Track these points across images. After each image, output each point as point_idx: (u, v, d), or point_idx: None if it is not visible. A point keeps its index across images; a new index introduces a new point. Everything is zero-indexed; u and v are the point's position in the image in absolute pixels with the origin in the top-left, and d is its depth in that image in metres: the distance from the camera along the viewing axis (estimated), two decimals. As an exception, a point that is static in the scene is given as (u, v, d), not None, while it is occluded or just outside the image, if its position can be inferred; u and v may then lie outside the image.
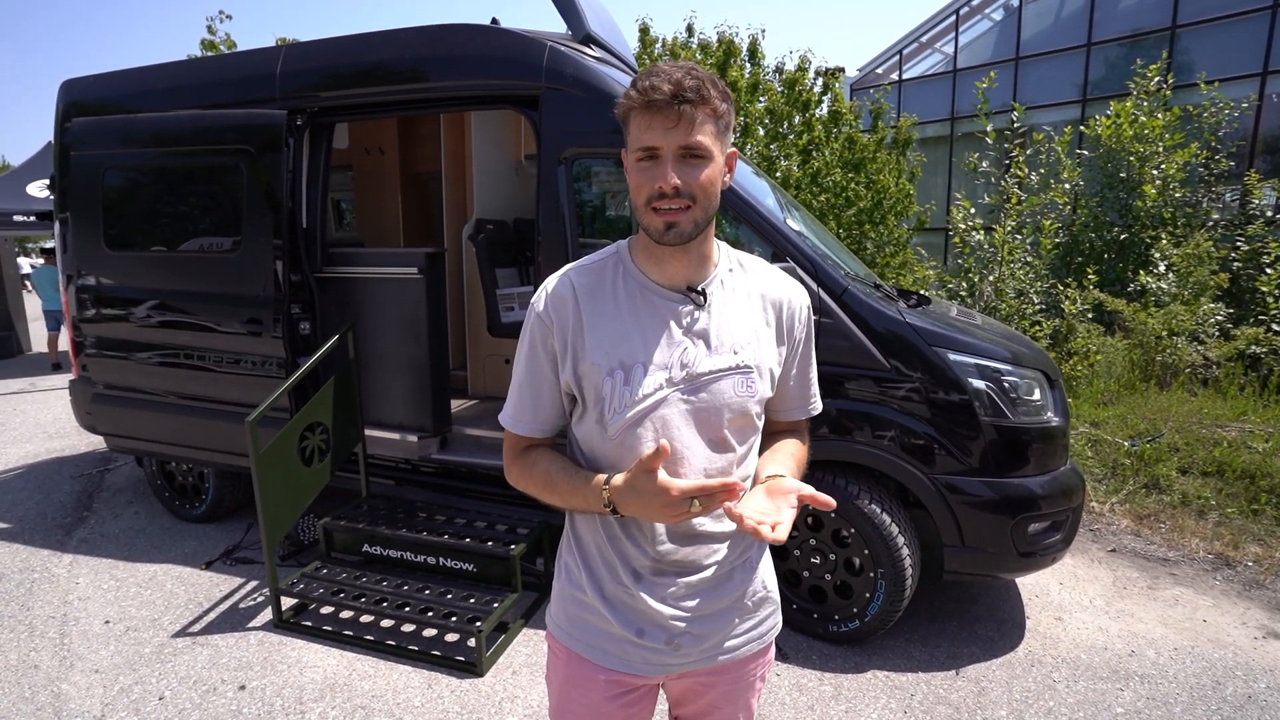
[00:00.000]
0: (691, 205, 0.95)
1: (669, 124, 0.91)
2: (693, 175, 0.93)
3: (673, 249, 0.99)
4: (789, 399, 1.14)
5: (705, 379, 1.01)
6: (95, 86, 3.82)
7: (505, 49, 2.99)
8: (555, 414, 1.08)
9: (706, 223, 0.99)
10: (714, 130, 0.95)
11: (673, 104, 0.90)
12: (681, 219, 0.95)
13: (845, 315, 2.63)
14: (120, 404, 3.79)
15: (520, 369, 1.07)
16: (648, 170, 0.94)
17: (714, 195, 0.97)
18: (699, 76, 0.92)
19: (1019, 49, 12.04)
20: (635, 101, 0.93)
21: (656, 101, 0.91)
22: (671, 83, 0.90)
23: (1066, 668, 2.62)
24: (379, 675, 2.56)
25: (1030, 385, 2.66)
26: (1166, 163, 7.36)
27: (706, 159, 0.94)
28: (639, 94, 0.92)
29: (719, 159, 0.96)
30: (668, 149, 0.92)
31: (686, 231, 0.96)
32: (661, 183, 0.93)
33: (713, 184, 0.96)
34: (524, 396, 1.07)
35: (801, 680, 2.54)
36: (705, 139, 0.93)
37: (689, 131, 0.92)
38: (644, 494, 0.91)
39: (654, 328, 1.01)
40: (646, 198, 0.95)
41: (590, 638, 1.08)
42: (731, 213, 2.77)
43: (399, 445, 3.46)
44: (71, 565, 3.46)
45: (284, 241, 3.24)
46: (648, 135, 0.93)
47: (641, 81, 0.93)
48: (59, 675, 2.57)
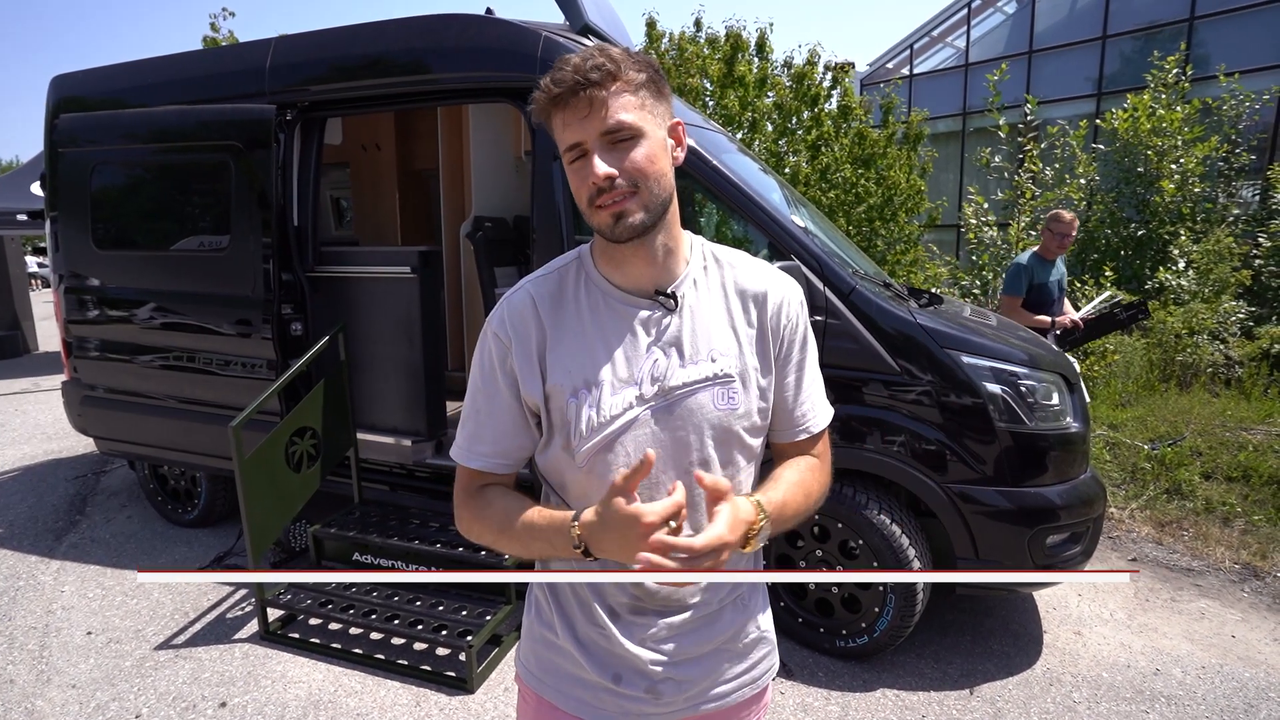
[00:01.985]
0: (636, 190, 0.83)
1: (582, 113, 0.82)
2: (624, 158, 0.83)
3: (633, 247, 0.88)
4: (786, 413, 0.98)
5: (679, 393, 0.89)
6: (85, 82, 3.74)
7: (498, 40, 2.88)
8: (515, 445, 0.95)
9: (661, 208, 0.87)
10: (636, 103, 0.84)
11: (578, 91, 0.81)
12: (628, 206, 0.83)
13: (852, 315, 2.50)
14: (110, 406, 3.72)
15: (475, 395, 0.95)
16: (580, 169, 0.84)
17: (660, 174, 0.85)
18: (598, 52, 0.82)
19: (1032, 42, 11.81)
20: (542, 101, 0.83)
21: (562, 95, 0.81)
22: (570, 68, 0.81)
23: (1087, 687, 2.49)
24: (366, 692, 2.46)
25: (1048, 389, 2.52)
26: (1185, 157, 7.16)
27: (636, 137, 0.83)
28: (543, 92, 0.83)
29: (655, 133, 0.85)
30: (590, 139, 0.82)
31: (639, 220, 0.84)
32: (593, 178, 0.82)
33: (653, 162, 0.84)
34: (480, 425, 0.95)
35: (807, 699, 2.42)
36: (627, 115, 0.82)
37: (604, 114, 0.81)
38: (617, 527, 0.78)
39: (619, 339, 0.89)
40: (587, 198, 0.84)
41: (561, 683, 0.97)
42: (732, 208, 2.65)
43: (393, 450, 3.36)
44: (59, 572, 3.39)
45: (274, 240, 3.15)
46: (567, 132, 0.83)
47: (545, 79, 0.83)
48: (34, 690, 2.48)
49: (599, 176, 0.81)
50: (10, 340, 10.07)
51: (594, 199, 0.83)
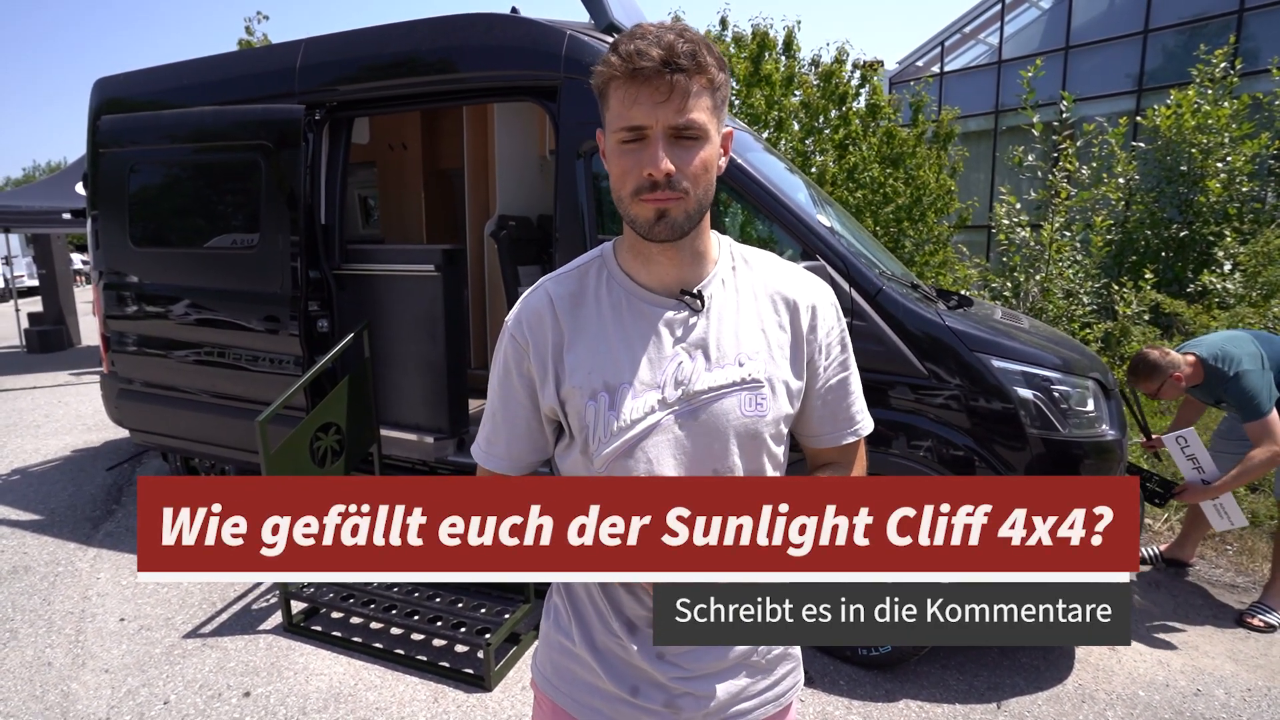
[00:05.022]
0: (685, 196, 0.80)
1: (659, 97, 0.76)
2: (686, 160, 0.79)
3: (663, 246, 0.85)
4: (821, 420, 0.94)
5: (705, 398, 0.85)
6: (125, 84, 3.85)
7: (523, 38, 2.88)
8: (530, 448, 0.94)
9: (701, 214, 0.84)
10: (710, 105, 0.80)
11: (663, 73, 0.75)
12: (673, 207, 0.80)
13: (879, 317, 2.45)
14: (144, 399, 3.82)
15: (493, 396, 0.95)
16: (633, 153, 0.79)
17: (710, 183, 0.83)
18: (693, 40, 0.77)
19: (1069, 38, 11.48)
20: (617, 69, 0.77)
21: (644, 70, 0.75)
22: (662, 46, 0.75)
23: (1122, 705, 2.39)
24: (385, 686, 2.48)
25: (1083, 395, 2.44)
26: (1233, 154, 6.88)
27: (702, 140, 0.80)
28: (621, 60, 0.76)
29: (715, 139, 0.82)
30: (658, 128, 0.77)
31: (680, 223, 0.81)
32: (651, 168, 0.78)
33: (708, 170, 0.82)
34: (496, 426, 0.95)
35: (828, 709, 2.37)
36: (701, 115, 0.78)
37: (682, 107, 0.77)
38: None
39: (642, 340, 0.86)
40: (634, 187, 0.80)
41: (578, 692, 0.95)
42: (757, 207, 2.61)
43: (415, 446, 3.39)
44: (95, 560, 3.49)
45: (302, 238, 3.20)
46: (634, 111, 0.77)
47: (624, 45, 0.77)
48: (70, 674, 2.55)
49: (660, 170, 0.78)
50: (56, 334, 10.44)
51: (641, 190, 0.80)
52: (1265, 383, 2.72)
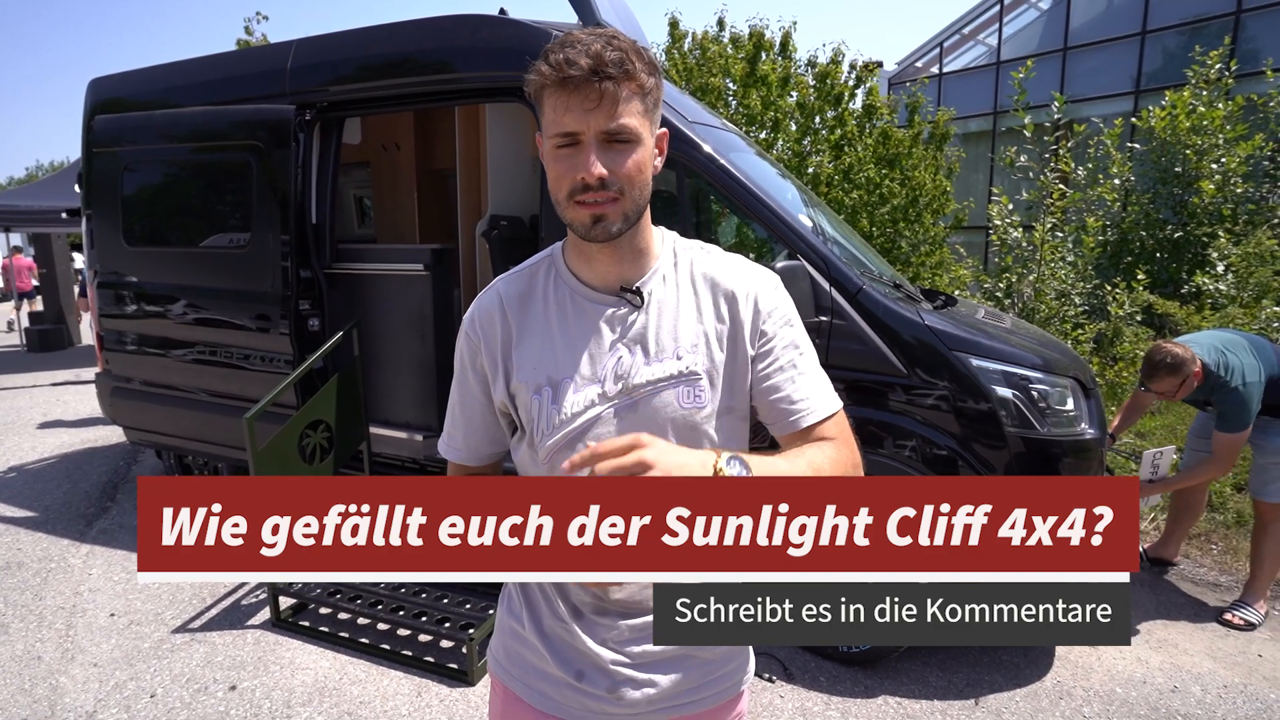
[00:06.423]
0: (620, 197, 0.83)
1: (589, 105, 0.79)
2: (619, 163, 0.82)
3: (600, 245, 0.88)
4: (775, 407, 0.94)
5: (644, 391, 0.88)
6: (119, 84, 3.89)
7: (510, 39, 2.91)
8: (486, 440, 0.99)
9: (638, 216, 0.87)
10: (641, 109, 0.83)
11: (592, 81, 0.78)
12: (609, 211, 0.83)
13: (859, 316, 2.47)
14: (138, 397, 3.85)
15: (453, 391, 1.00)
16: (567, 158, 0.82)
17: (645, 184, 0.86)
18: (621, 47, 0.80)
19: (1067, 39, 11.48)
20: (548, 78, 0.80)
21: (573, 78, 0.78)
22: (590, 55, 0.78)
23: (1099, 702, 2.41)
24: (369, 680, 2.51)
25: (1062, 394, 2.46)
26: (1228, 156, 6.89)
27: (634, 143, 0.82)
28: (552, 69, 0.79)
29: (648, 142, 0.85)
30: (589, 133, 0.80)
31: (615, 226, 0.85)
32: (584, 173, 0.81)
33: (642, 171, 0.85)
34: (455, 420, 1.00)
35: (806, 704, 2.39)
36: (632, 120, 0.81)
37: (613, 113, 0.80)
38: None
39: (584, 336, 0.90)
40: (568, 190, 0.83)
41: (527, 676, 0.98)
42: (738, 207, 2.64)
43: (404, 444, 3.42)
44: (88, 556, 3.52)
45: (292, 237, 3.23)
46: (566, 118, 0.80)
47: (554, 54, 0.80)
48: (59, 668, 2.59)
49: (593, 175, 0.81)
50: (56, 333, 10.50)
51: (576, 194, 0.83)
52: (1258, 397, 2.72)
